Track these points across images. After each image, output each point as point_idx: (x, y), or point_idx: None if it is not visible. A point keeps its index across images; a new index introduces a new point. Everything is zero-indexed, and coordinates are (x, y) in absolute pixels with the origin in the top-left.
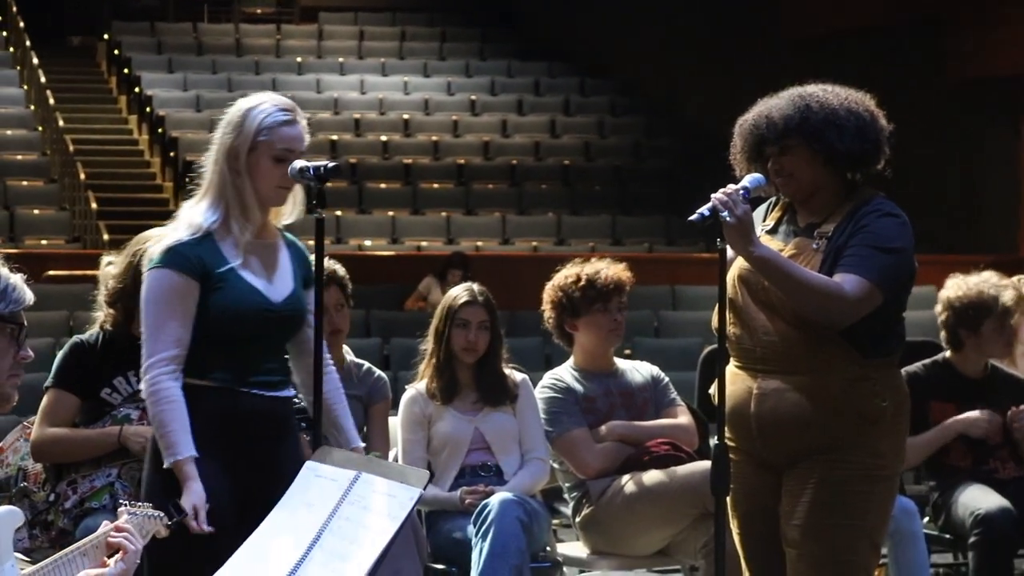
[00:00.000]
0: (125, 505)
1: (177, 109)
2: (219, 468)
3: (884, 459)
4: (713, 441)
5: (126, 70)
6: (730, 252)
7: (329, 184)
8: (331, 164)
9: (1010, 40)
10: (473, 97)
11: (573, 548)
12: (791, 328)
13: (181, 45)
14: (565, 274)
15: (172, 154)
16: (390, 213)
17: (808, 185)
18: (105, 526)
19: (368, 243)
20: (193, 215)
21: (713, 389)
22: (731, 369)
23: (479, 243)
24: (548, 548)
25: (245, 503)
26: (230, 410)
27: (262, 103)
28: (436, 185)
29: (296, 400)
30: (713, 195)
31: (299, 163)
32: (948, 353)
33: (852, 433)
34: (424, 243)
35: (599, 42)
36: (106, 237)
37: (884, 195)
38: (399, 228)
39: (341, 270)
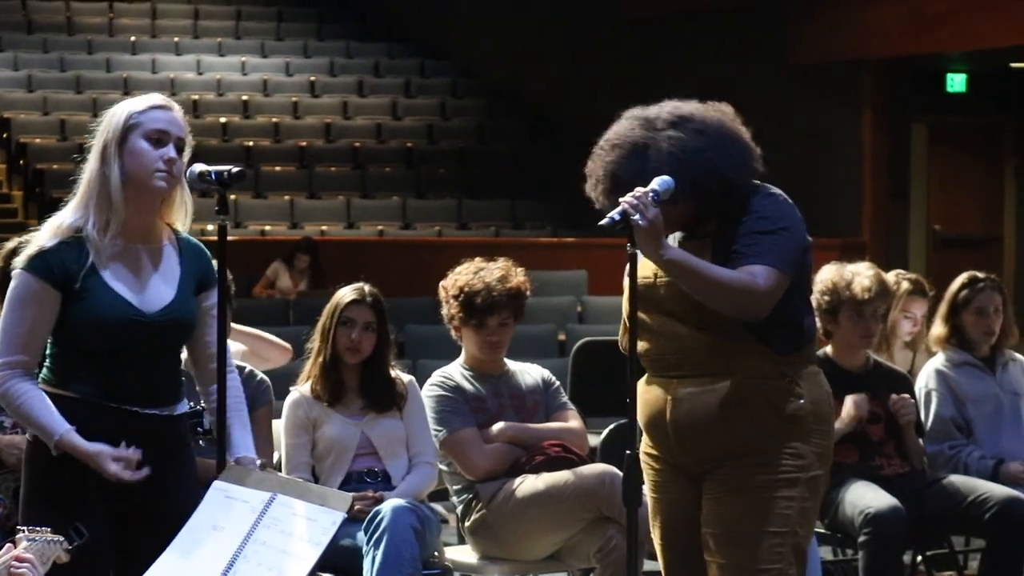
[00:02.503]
0: (23, 532)
1: (9, 89)
2: (90, 487)
3: (806, 459)
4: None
5: None
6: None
7: None
8: (235, 169)
9: (852, 25)
10: (312, 78)
11: (462, 553)
12: (698, 332)
13: (10, 23)
14: (454, 278)
15: (5, 135)
16: (232, 197)
17: (685, 219)
18: (5, 551)
19: (211, 227)
20: (57, 218)
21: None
22: (644, 380)
23: (324, 227)
24: (436, 554)
25: (122, 525)
26: (94, 424)
27: (130, 99)
28: (278, 168)
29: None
30: (622, 199)
31: (199, 167)
32: (829, 348)
33: (771, 434)
34: (268, 227)
35: (438, 23)
36: None
37: (758, 182)
38: (242, 212)
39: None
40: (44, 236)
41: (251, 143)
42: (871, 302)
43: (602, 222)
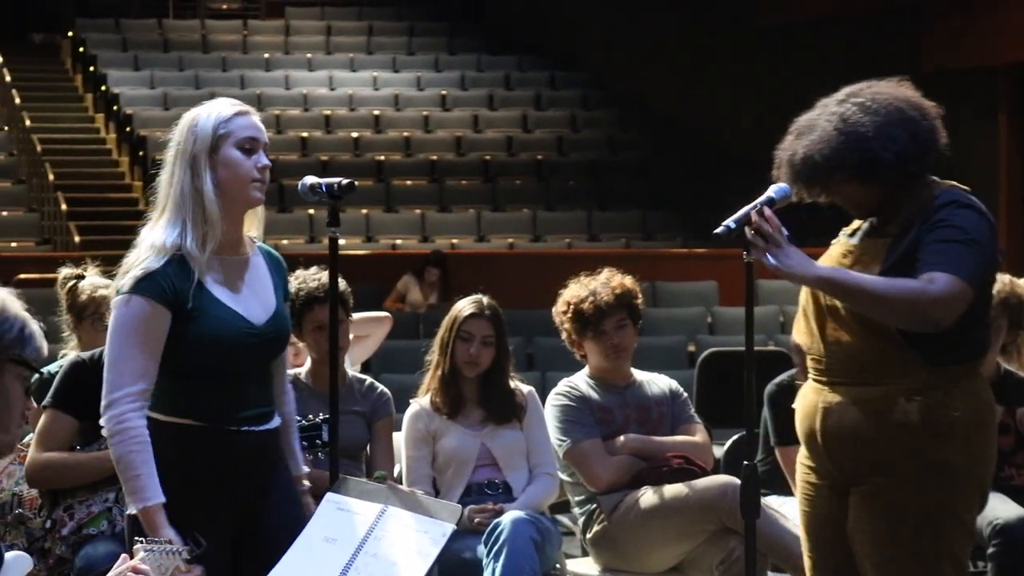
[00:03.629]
0: (141, 542)
1: (144, 107)
2: (211, 510)
3: (958, 474)
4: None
5: (92, 68)
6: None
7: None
8: (345, 181)
9: (986, 30)
10: (443, 92)
11: (583, 565)
12: (852, 337)
13: (147, 42)
14: (565, 297)
15: (141, 153)
16: (363, 211)
17: (868, 204)
18: (122, 562)
19: (342, 242)
20: (154, 237)
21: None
22: (807, 383)
23: (454, 240)
24: (558, 566)
25: (238, 540)
26: (222, 451)
27: (210, 107)
28: (409, 182)
29: (299, 419)
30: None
31: (310, 179)
32: None
33: (919, 448)
34: (399, 241)
35: (569, 35)
36: (77, 239)
37: (955, 184)
38: (373, 226)
39: (342, 283)
40: (146, 259)
41: (382, 157)
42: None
43: (717, 230)
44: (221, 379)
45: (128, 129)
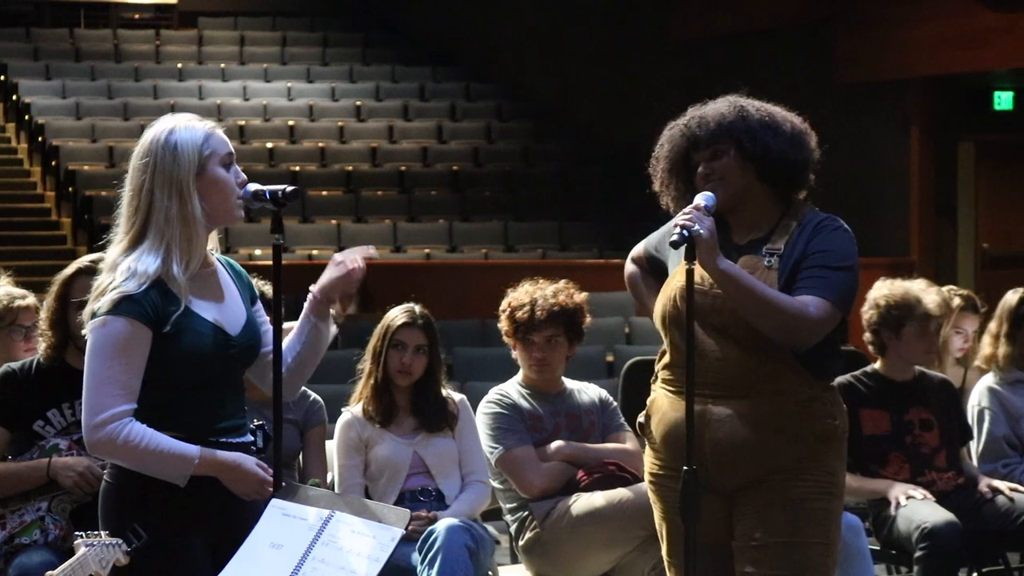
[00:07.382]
0: (82, 537)
1: (56, 117)
2: (188, 520)
3: (836, 477)
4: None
5: (3, 77)
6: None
7: None
8: (289, 188)
9: (898, 44)
10: (358, 103)
11: (515, 572)
12: (744, 351)
13: (58, 51)
14: (511, 295)
15: (53, 163)
16: None
17: (739, 191)
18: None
19: (258, 252)
20: (135, 264)
21: (643, 417)
22: (664, 396)
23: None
24: (490, 573)
25: (215, 547)
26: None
27: (178, 124)
28: (324, 193)
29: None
30: (679, 218)
31: (253, 186)
32: (877, 364)
33: (808, 454)
34: (315, 251)
35: (483, 46)
36: None
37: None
38: (288, 237)
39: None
40: (124, 282)
41: (297, 168)
42: (938, 318)
43: (672, 238)
44: (199, 392)
45: (40, 139)
